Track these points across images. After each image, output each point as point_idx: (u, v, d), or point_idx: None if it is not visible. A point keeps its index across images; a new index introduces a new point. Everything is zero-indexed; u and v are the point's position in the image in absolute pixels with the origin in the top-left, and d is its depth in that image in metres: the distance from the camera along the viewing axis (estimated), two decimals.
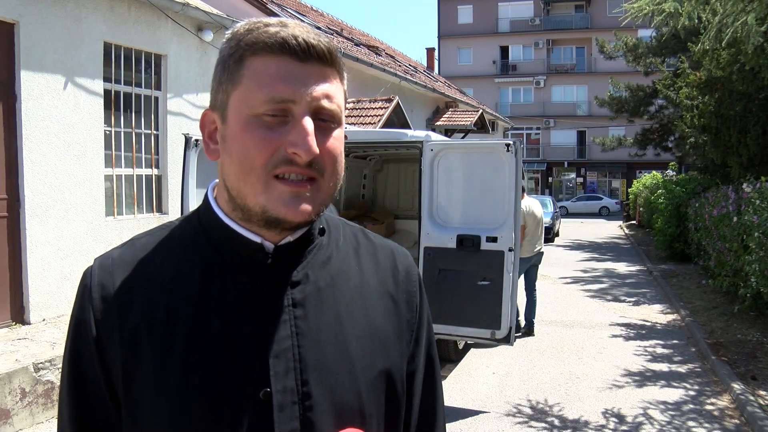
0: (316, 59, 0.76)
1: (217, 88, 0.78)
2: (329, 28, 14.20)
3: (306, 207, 0.76)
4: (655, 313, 8.20)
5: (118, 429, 0.78)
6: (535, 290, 7.01)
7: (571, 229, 22.36)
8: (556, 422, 4.43)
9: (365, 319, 0.84)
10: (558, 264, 13.08)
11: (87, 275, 0.81)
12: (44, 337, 4.96)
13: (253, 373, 0.76)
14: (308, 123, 0.74)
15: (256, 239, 0.79)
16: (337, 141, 0.78)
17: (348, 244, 0.89)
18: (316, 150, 0.74)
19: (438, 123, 16.55)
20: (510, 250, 4.56)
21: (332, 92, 0.77)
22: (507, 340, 4.62)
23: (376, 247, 0.91)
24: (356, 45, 14.32)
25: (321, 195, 0.77)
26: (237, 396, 0.75)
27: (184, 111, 7.32)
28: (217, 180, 0.84)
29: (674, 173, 17.53)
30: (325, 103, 0.76)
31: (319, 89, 0.75)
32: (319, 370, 0.78)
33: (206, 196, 0.85)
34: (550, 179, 39.91)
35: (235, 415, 0.74)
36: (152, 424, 0.75)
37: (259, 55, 0.75)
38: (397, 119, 11.63)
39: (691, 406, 4.74)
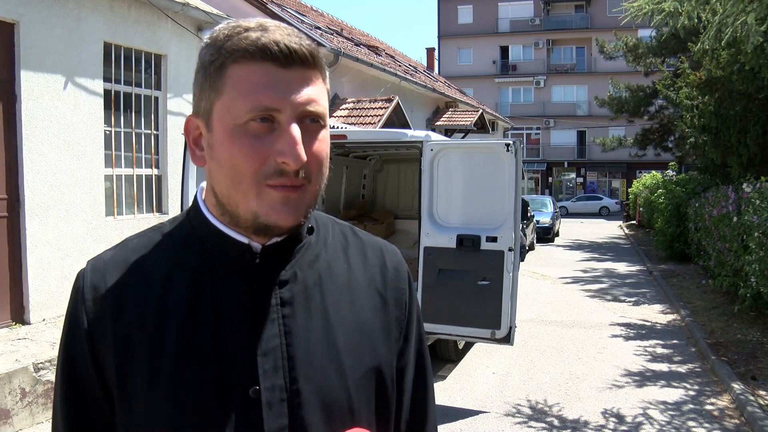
0: (299, 63, 0.75)
1: (200, 95, 0.78)
2: (329, 28, 14.20)
3: (295, 212, 0.77)
4: (655, 313, 8.20)
5: (112, 429, 0.79)
6: None
7: (571, 229, 22.37)
8: (556, 422, 4.44)
9: (353, 317, 0.84)
10: (558, 264, 13.08)
11: (80, 277, 0.82)
12: (44, 337, 4.96)
13: (242, 372, 0.77)
14: (295, 131, 0.74)
15: (244, 240, 0.80)
16: (322, 143, 0.78)
17: (336, 241, 0.89)
18: (305, 158, 0.74)
19: (438, 123, 16.55)
20: (510, 249, 4.56)
21: (316, 95, 0.76)
22: (507, 339, 4.62)
23: (365, 245, 0.92)
24: (356, 45, 14.31)
25: (308, 199, 0.78)
26: (227, 394, 0.76)
27: (184, 111, 7.32)
28: (205, 182, 0.85)
29: (674, 173, 17.53)
30: (310, 108, 0.75)
31: (304, 94, 0.75)
32: (307, 368, 0.79)
33: (195, 198, 0.86)
34: (550, 179, 39.90)
35: (225, 413, 0.75)
36: (145, 423, 0.76)
37: (240, 62, 0.74)
38: (397, 119, 11.63)
39: (691, 406, 4.74)
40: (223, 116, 0.75)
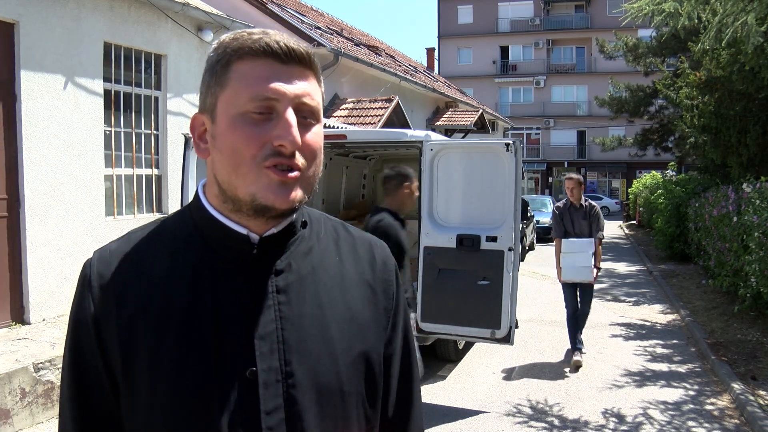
0: (297, 62, 0.83)
1: (206, 92, 0.85)
2: (329, 28, 14.20)
3: (292, 195, 0.82)
4: (655, 313, 8.20)
5: (117, 414, 0.83)
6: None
7: None
8: (556, 422, 4.43)
9: (344, 306, 0.90)
10: None
11: (87, 266, 0.87)
12: (44, 337, 4.96)
13: (240, 354, 0.81)
14: (291, 117, 0.81)
15: (243, 231, 0.85)
16: (316, 136, 0.85)
17: (329, 236, 0.95)
18: (299, 141, 0.81)
19: (438, 123, 16.55)
20: (510, 249, 4.56)
21: (312, 91, 0.84)
22: (507, 339, 4.62)
23: (355, 240, 0.98)
24: (356, 45, 14.31)
25: (303, 185, 0.84)
26: (225, 375, 0.81)
27: (184, 111, 7.32)
28: (206, 179, 0.91)
29: (674, 173, 17.52)
30: (306, 100, 0.83)
31: (300, 87, 0.82)
32: (301, 351, 0.84)
33: (197, 192, 0.91)
34: (550, 179, 39.89)
35: (224, 393, 0.80)
36: (148, 407, 0.80)
37: (244, 59, 0.81)
38: (397, 119, 11.63)
39: (691, 406, 4.74)
40: (226, 107, 0.82)
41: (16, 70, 5.32)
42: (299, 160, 0.81)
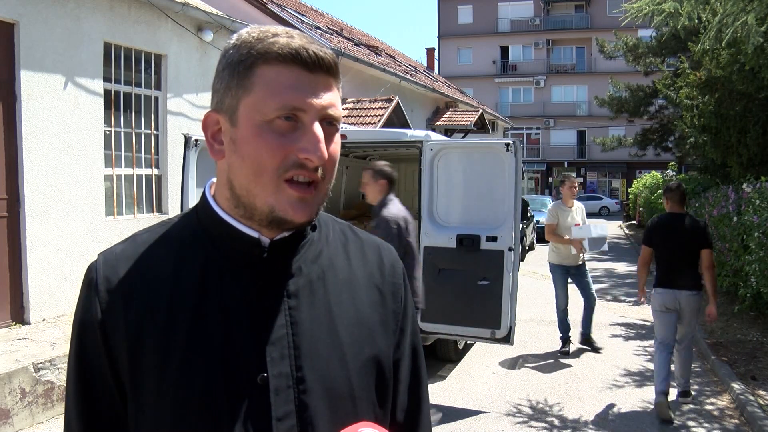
0: (323, 70, 0.80)
1: (225, 92, 0.82)
2: (329, 28, 14.20)
3: (309, 210, 0.82)
4: None
5: (123, 419, 0.82)
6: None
7: None
8: (556, 422, 4.43)
9: (354, 309, 0.89)
10: None
11: (92, 269, 0.84)
12: (44, 337, 4.96)
13: (250, 360, 0.80)
14: (319, 130, 0.79)
15: (254, 234, 0.84)
16: (337, 146, 0.84)
17: (337, 239, 0.94)
18: (326, 155, 0.80)
19: (438, 123, 16.55)
20: (510, 249, 4.56)
21: (336, 101, 0.82)
22: (507, 339, 4.62)
23: (363, 243, 0.97)
24: (356, 45, 14.32)
25: (320, 196, 0.83)
26: (235, 381, 0.79)
27: (184, 111, 7.32)
28: (214, 179, 0.88)
29: (674, 173, 17.52)
30: (331, 111, 0.81)
31: (326, 98, 0.80)
32: (311, 357, 0.83)
33: (204, 194, 0.89)
34: (550, 179, 39.90)
35: (234, 400, 0.79)
36: (156, 412, 0.79)
37: (271, 64, 0.78)
38: (397, 119, 11.63)
39: (691, 406, 4.74)
40: (250, 113, 0.79)
41: (16, 70, 5.32)
42: (320, 173, 0.80)
